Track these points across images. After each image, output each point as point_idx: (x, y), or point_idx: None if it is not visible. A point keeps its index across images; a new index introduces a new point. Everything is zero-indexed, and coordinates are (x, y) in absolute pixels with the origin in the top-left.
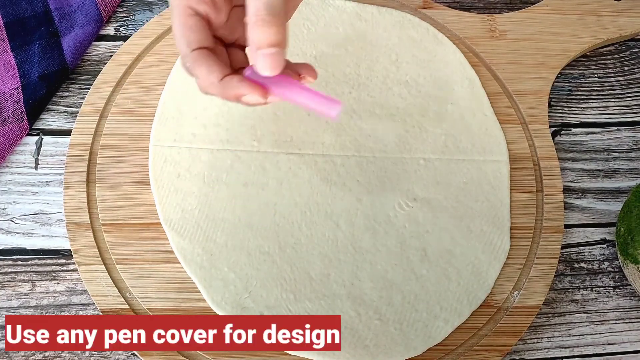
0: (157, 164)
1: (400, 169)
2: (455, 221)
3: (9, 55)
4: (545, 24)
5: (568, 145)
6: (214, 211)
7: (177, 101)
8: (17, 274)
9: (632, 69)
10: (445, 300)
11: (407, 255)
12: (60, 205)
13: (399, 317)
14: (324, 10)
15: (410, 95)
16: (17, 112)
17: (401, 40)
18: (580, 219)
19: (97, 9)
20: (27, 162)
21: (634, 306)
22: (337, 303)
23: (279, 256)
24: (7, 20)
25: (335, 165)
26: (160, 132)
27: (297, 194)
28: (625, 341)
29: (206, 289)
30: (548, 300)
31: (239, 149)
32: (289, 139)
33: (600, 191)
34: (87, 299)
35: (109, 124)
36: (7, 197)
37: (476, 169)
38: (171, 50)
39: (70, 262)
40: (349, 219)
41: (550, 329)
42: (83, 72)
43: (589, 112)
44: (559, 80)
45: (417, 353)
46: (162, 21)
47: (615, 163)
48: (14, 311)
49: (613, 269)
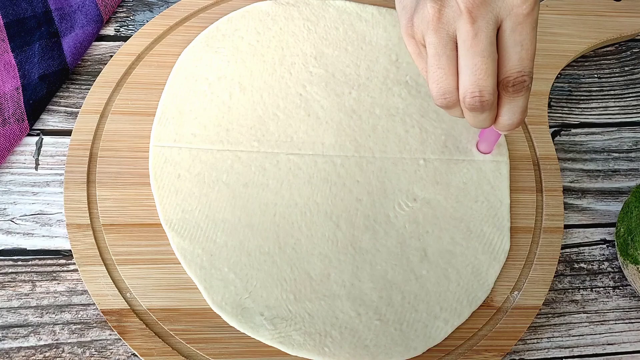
0: (157, 164)
1: (400, 169)
2: (455, 221)
3: (9, 55)
4: (545, 24)
5: (568, 146)
6: (214, 211)
7: (177, 101)
8: (17, 274)
9: (632, 69)
10: (445, 301)
11: (407, 256)
12: (60, 206)
13: (399, 318)
14: (324, 11)
15: (410, 95)
16: (17, 113)
17: (401, 40)
18: (580, 220)
19: (97, 9)
20: (27, 163)
21: (633, 306)
22: (337, 303)
23: (279, 256)
24: (7, 20)
25: (335, 165)
26: (161, 133)
27: (297, 194)
28: (625, 341)
29: (206, 289)
30: (548, 301)
31: (239, 149)
32: (289, 139)
33: (600, 191)
34: (88, 299)
35: (109, 125)
36: (7, 198)
37: (476, 169)
38: (171, 50)
39: (71, 263)
40: (349, 219)
41: (550, 329)
42: (83, 72)
43: (589, 113)
44: (559, 80)
45: (417, 353)
46: (162, 21)
47: (615, 163)
48: (14, 311)
49: (613, 269)
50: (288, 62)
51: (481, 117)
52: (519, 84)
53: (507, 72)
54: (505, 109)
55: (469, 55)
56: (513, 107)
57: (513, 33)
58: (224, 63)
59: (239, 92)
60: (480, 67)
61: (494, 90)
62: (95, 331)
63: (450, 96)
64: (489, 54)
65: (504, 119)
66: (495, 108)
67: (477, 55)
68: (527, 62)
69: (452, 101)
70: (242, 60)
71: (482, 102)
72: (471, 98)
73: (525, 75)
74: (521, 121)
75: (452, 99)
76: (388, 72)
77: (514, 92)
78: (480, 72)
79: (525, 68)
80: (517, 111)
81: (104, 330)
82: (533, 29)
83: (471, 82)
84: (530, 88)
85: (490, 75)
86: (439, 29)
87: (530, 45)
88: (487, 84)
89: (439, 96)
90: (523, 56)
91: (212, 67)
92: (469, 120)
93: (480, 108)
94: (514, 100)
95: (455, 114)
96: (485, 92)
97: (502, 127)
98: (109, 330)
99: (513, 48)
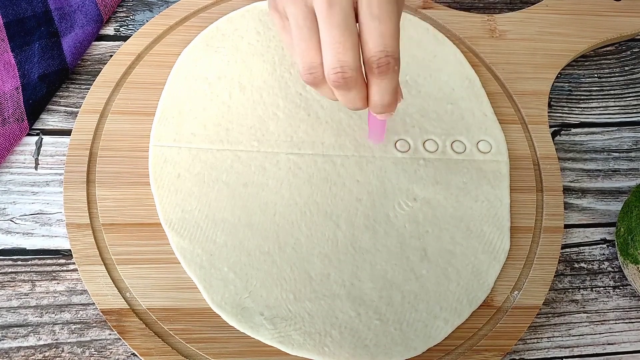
0: (157, 164)
1: (400, 169)
2: (455, 221)
3: (8, 55)
4: (545, 24)
5: (568, 145)
6: (214, 211)
7: (177, 101)
8: (17, 274)
9: (632, 69)
10: (445, 300)
11: (407, 255)
12: (60, 205)
13: (399, 317)
14: None
15: (410, 95)
16: (17, 112)
17: (401, 40)
18: (580, 219)
19: (97, 9)
20: (27, 162)
21: (634, 306)
22: (337, 303)
23: (278, 256)
24: (7, 20)
25: (335, 165)
26: (160, 132)
27: (297, 194)
28: (625, 341)
29: (206, 289)
30: (548, 300)
31: (239, 148)
32: (288, 139)
33: (600, 191)
34: (87, 299)
35: (109, 124)
36: (7, 197)
37: (476, 169)
38: (171, 50)
39: (70, 262)
40: (349, 219)
41: (550, 329)
42: (83, 72)
43: (589, 112)
44: (559, 80)
45: (417, 353)
46: (162, 21)
47: (615, 163)
48: (14, 311)
49: (613, 269)
50: (288, 62)
51: (350, 96)
52: (383, 66)
53: (371, 51)
54: (374, 89)
55: (326, 29)
56: (382, 88)
57: (369, 6)
58: (223, 63)
59: (238, 91)
60: (338, 40)
61: (357, 66)
62: (95, 331)
63: (316, 71)
64: (345, 27)
65: (375, 100)
66: (364, 86)
67: (333, 28)
68: (388, 39)
69: (319, 77)
70: (242, 59)
71: (344, 79)
72: (334, 74)
73: (389, 56)
74: (393, 103)
75: (318, 75)
76: None
77: (380, 74)
78: (338, 46)
79: (388, 47)
80: (386, 92)
81: (103, 330)
82: (390, 3)
83: (331, 57)
84: (398, 70)
85: (349, 50)
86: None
87: (389, 20)
88: (348, 58)
89: (305, 71)
90: (383, 32)
91: (212, 67)
92: (341, 100)
93: (344, 85)
94: (382, 82)
95: (326, 93)
96: (347, 68)
97: (374, 108)
98: (109, 330)
99: (371, 23)
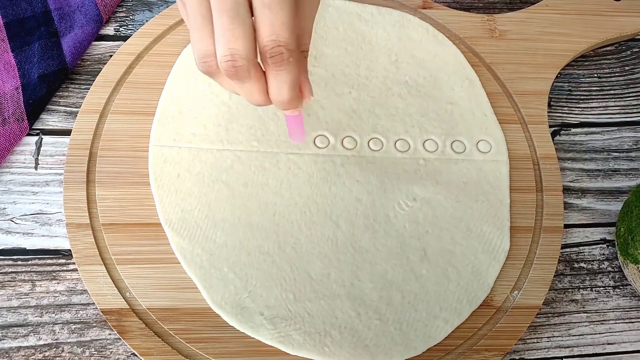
0: (157, 164)
1: (400, 169)
2: (455, 221)
3: (8, 55)
4: (545, 24)
5: (568, 145)
6: (214, 211)
7: (177, 101)
8: (17, 274)
9: (632, 69)
10: (445, 300)
11: (407, 255)
12: (60, 205)
13: (399, 317)
14: (323, 11)
15: (410, 95)
16: (17, 112)
17: (401, 40)
18: (580, 219)
19: (97, 9)
20: (27, 162)
21: (634, 306)
22: (337, 303)
23: (278, 256)
24: (7, 20)
25: (335, 165)
26: (160, 132)
27: (297, 194)
28: (625, 341)
29: (206, 289)
30: (548, 300)
31: (239, 149)
32: (288, 139)
33: (600, 191)
34: (87, 299)
35: (108, 124)
36: (7, 197)
37: (476, 169)
38: (171, 50)
39: (70, 262)
40: (349, 219)
41: (550, 329)
42: (83, 72)
43: (589, 112)
44: (559, 80)
45: (417, 353)
46: (162, 21)
47: (615, 163)
48: (14, 311)
49: (613, 269)
50: None
51: (247, 87)
52: (276, 56)
53: (263, 41)
54: (271, 83)
55: (217, 16)
56: (279, 81)
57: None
58: None
59: None
60: (228, 27)
61: (249, 56)
62: (95, 331)
63: (210, 60)
64: (236, 14)
65: (273, 93)
66: (262, 79)
67: (224, 15)
68: (279, 29)
69: (213, 66)
70: None
71: (235, 68)
72: (225, 62)
73: (281, 45)
74: (292, 97)
75: (212, 64)
76: (388, 72)
77: (274, 65)
78: (228, 34)
79: (280, 37)
80: (283, 86)
81: (103, 330)
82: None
83: (222, 45)
84: (294, 62)
85: (240, 38)
86: None
87: (279, 9)
88: (238, 46)
89: (199, 60)
90: (273, 22)
91: None
92: (240, 93)
93: (235, 74)
94: (278, 74)
95: (226, 85)
96: (237, 56)
97: (274, 102)
98: (109, 330)
99: (262, 11)
